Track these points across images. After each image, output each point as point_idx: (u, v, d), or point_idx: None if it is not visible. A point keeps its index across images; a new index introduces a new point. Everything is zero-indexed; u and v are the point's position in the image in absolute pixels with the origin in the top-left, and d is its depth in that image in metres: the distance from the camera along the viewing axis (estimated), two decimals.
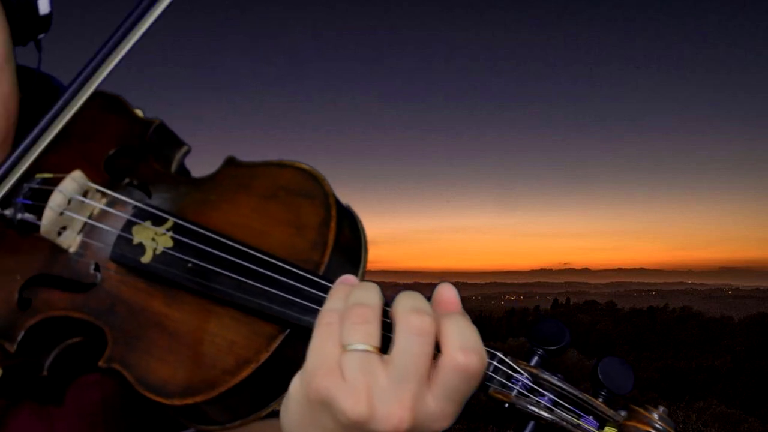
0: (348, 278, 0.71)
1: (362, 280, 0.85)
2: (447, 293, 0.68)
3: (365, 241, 0.88)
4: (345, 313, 0.66)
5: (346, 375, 0.63)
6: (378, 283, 0.73)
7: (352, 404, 0.62)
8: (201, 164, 1.02)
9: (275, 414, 1.05)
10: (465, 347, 0.62)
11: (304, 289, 0.75)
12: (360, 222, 0.90)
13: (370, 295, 0.67)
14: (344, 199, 0.89)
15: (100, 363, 0.82)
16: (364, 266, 0.86)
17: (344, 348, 0.64)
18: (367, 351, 0.63)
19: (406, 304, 0.65)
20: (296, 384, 0.67)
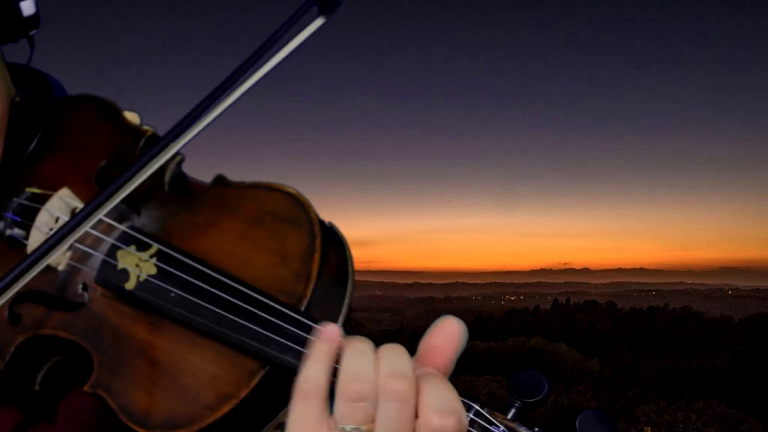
0: (328, 332, 0.69)
1: (349, 304, 0.84)
2: (442, 339, 0.67)
3: (351, 263, 0.88)
4: (340, 387, 0.64)
5: None
6: (378, 283, 0.71)
7: None
8: (201, 164, 1.04)
9: None
10: (441, 410, 0.62)
11: (285, 327, 0.75)
12: (346, 244, 0.89)
13: (365, 365, 0.65)
14: (344, 200, 0.88)
15: (86, 388, 0.82)
16: (351, 291, 0.86)
17: (336, 428, 0.64)
18: (352, 430, 0.63)
19: (386, 367, 0.64)
20: None
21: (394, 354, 0.65)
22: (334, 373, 0.66)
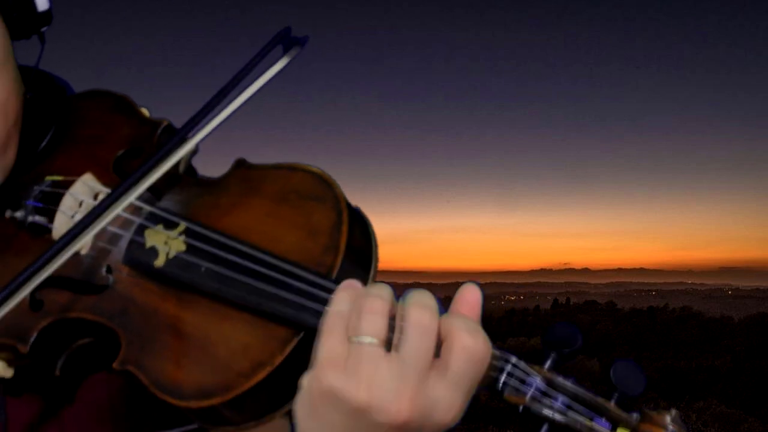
0: (353, 282, 0.73)
1: (374, 279, 0.86)
2: (469, 296, 0.71)
3: (376, 245, 0.88)
4: (357, 304, 0.69)
5: (349, 366, 0.66)
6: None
7: (355, 395, 0.64)
8: (201, 165, 1.02)
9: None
10: (469, 329, 0.66)
11: (318, 294, 0.76)
12: (371, 225, 0.90)
13: (383, 291, 0.70)
14: None
15: (115, 365, 0.82)
16: (375, 269, 0.87)
17: (351, 341, 0.67)
18: (371, 344, 0.66)
19: (412, 299, 0.68)
20: (306, 379, 0.70)
21: (421, 291, 0.70)
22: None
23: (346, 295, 0.71)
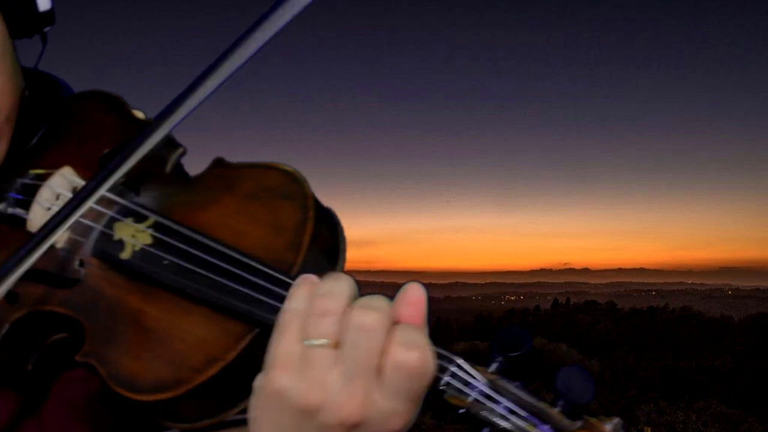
0: (309, 278, 0.72)
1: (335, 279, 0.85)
2: (412, 296, 0.69)
3: (344, 244, 0.89)
4: (311, 303, 0.68)
5: (301, 368, 0.65)
6: (378, 283, 0.73)
7: (304, 395, 0.64)
8: (201, 165, 1.04)
9: (238, 423, 1.05)
10: (406, 343, 0.64)
11: (274, 290, 0.76)
12: (340, 225, 0.91)
13: (336, 288, 0.68)
14: (344, 200, 0.91)
15: (77, 357, 0.83)
16: (342, 269, 0.87)
17: (303, 342, 0.66)
18: (323, 345, 0.65)
19: (360, 301, 0.67)
20: (258, 379, 0.69)
21: (371, 296, 0.68)
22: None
23: (301, 291, 0.70)
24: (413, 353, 0.64)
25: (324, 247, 0.85)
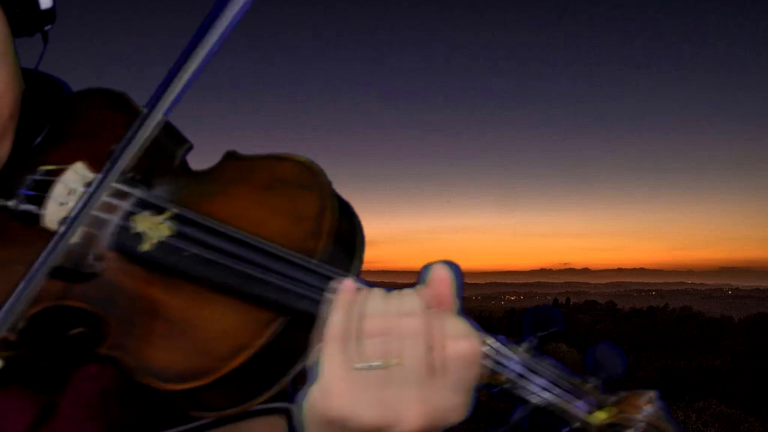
0: (348, 285, 0.73)
1: (358, 272, 0.85)
2: (437, 275, 0.71)
3: (362, 234, 0.89)
4: (354, 328, 0.69)
5: (360, 391, 0.66)
6: (378, 284, 0.74)
7: (366, 417, 0.65)
8: (202, 164, 1.03)
9: (264, 412, 1.04)
10: (455, 335, 0.66)
11: (299, 276, 0.76)
12: (357, 216, 0.91)
13: (375, 305, 0.70)
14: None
15: (100, 350, 0.83)
16: (360, 258, 0.87)
17: (355, 365, 0.67)
18: (377, 365, 0.67)
19: (397, 307, 0.69)
20: (313, 398, 0.70)
21: (404, 296, 0.70)
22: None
23: (343, 303, 0.72)
24: (463, 343, 0.66)
25: (343, 236, 0.85)
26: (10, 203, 0.95)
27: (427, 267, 0.73)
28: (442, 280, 0.70)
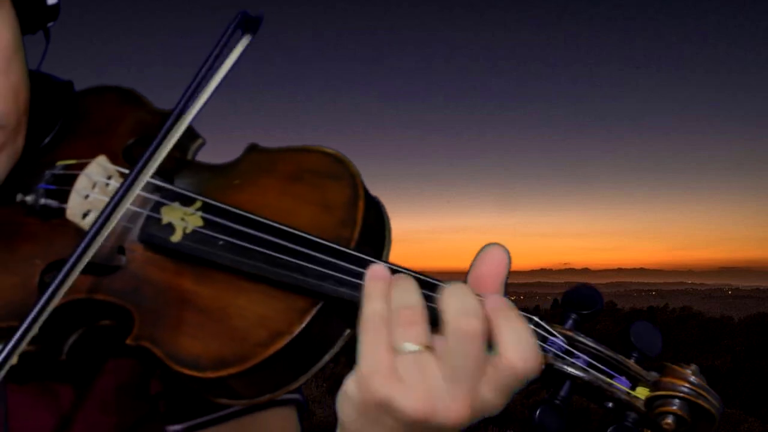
0: (378, 271, 0.72)
1: (388, 260, 0.86)
2: (491, 257, 0.70)
3: (389, 226, 0.89)
4: (391, 315, 0.68)
5: (402, 377, 0.65)
6: None
7: (412, 404, 0.64)
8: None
9: (278, 403, 1.05)
10: (524, 356, 0.64)
11: (338, 263, 0.76)
12: (384, 207, 0.91)
13: (412, 295, 0.69)
14: None
15: (128, 341, 0.82)
16: (389, 249, 0.87)
17: (396, 350, 0.66)
18: (419, 351, 0.66)
19: (455, 306, 0.66)
20: (351, 388, 0.69)
21: (460, 292, 0.67)
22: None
23: (379, 290, 0.70)
24: (530, 364, 0.65)
25: (374, 225, 0.85)
26: (29, 198, 0.94)
27: (483, 248, 0.72)
28: (498, 262, 0.70)
